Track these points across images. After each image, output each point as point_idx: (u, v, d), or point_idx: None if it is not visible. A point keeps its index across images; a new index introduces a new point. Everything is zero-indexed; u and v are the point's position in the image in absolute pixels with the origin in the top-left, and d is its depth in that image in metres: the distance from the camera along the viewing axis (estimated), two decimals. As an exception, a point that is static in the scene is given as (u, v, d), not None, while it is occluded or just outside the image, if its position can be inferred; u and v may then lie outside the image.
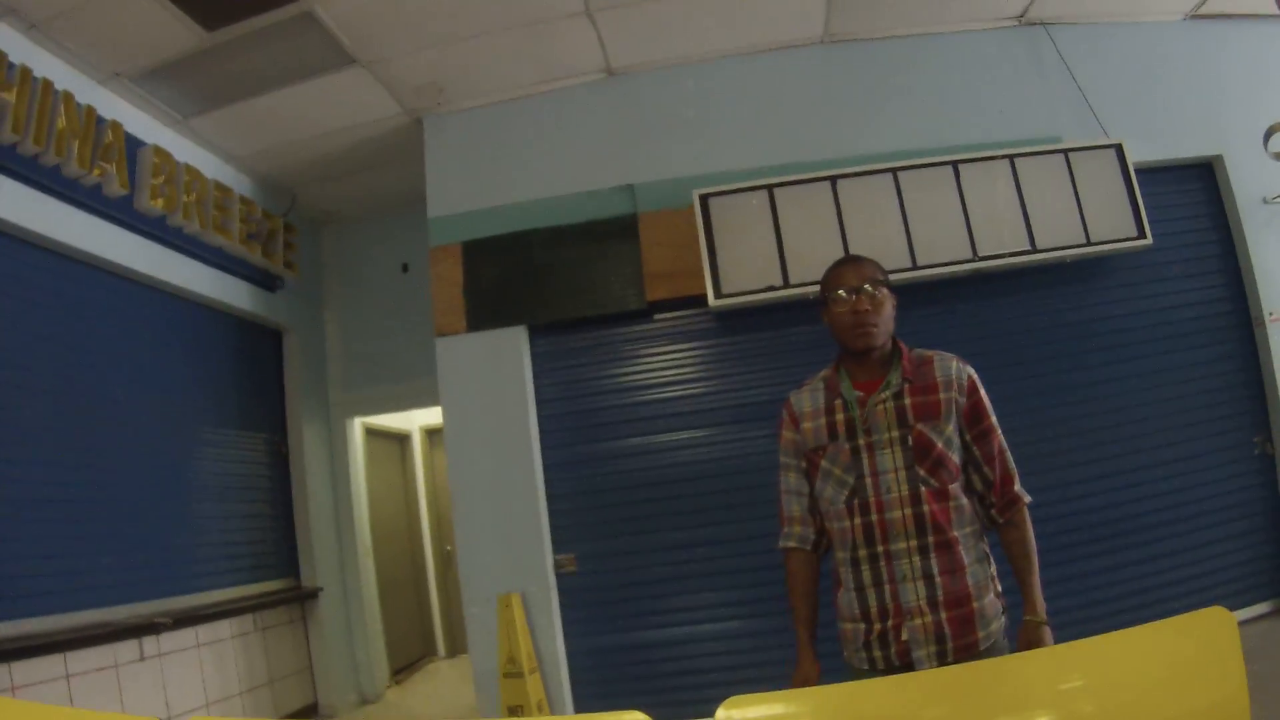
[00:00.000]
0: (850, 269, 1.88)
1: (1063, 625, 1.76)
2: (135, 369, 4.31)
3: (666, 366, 4.42)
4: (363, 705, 5.55)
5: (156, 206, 4.27)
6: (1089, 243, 4.22)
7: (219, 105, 4.50)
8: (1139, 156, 4.34)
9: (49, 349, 3.79)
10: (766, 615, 3.98)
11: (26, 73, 3.52)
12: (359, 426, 6.10)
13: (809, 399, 1.90)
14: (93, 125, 3.87)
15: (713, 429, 4.30)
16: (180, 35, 3.86)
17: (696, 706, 1.44)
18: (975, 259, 4.19)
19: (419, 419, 7.35)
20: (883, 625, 1.76)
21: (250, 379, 5.34)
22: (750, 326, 4.36)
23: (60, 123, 3.69)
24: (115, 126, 4.03)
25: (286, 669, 5.07)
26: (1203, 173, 4.62)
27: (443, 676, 6.48)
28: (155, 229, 4.36)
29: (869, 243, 3.98)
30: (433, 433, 7.45)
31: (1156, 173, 4.50)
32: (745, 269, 4.21)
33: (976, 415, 1.82)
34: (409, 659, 6.58)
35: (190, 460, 4.66)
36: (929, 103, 4.54)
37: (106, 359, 4.12)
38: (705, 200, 4.27)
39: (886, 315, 1.84)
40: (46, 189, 3.69)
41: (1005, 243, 4.21)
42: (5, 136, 3.45)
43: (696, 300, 4.28)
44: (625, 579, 4.24)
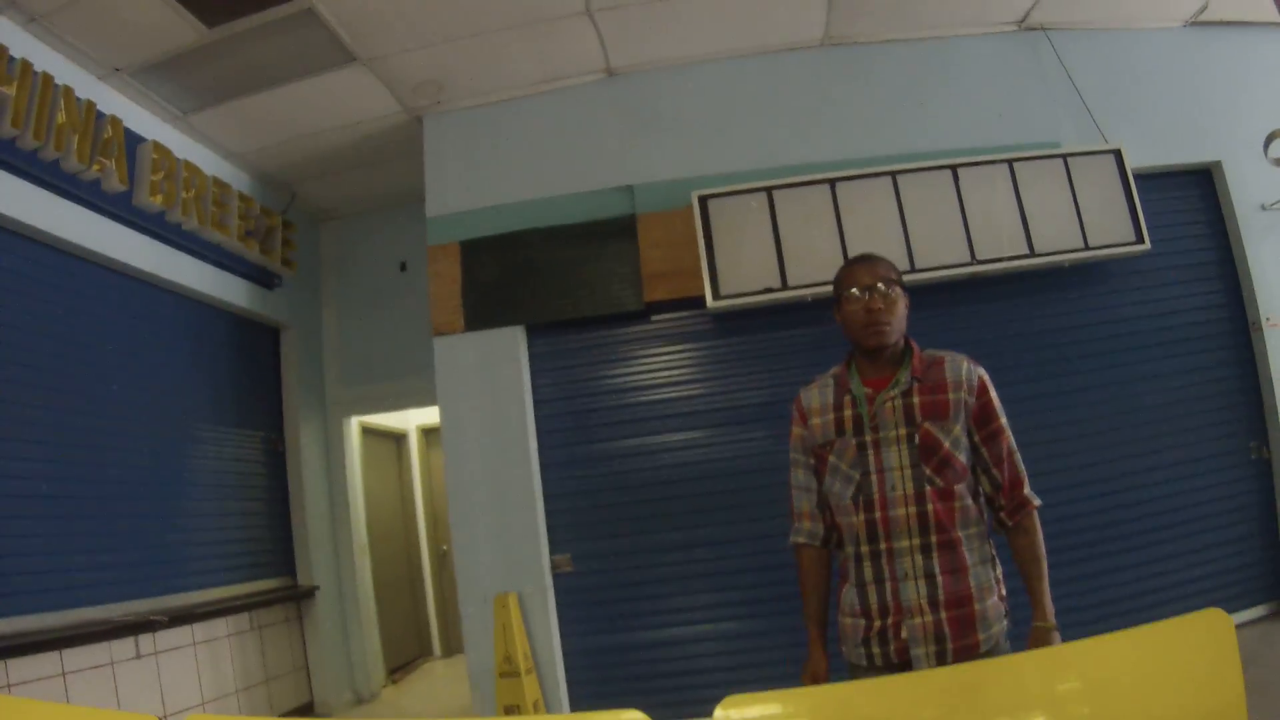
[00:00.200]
0: (864, 267, 1.89)
1: (1061, 627, 1.76)
2: (132, 365, 4.30)
3: (664, 367, 4.42)
4: (358, 704, 5.54)
5: (155, 202, 4.26)
6: (1087, 247, 4.22)
7: (219, 101, 4.50)
8: (1138, 162, 4.35)
9: (45, 344, 3.77)
10: (763, 615, 3.98)
11: (27, 67, 3.52)
12: (356, 425, 6.09)
13: (818, 395, 1.91)
14: (92, 120, 3.86)
15: (709, 430, 4.29)
16: (181, 31, 3.86)
17: (693, 706, 1.44)
18: (973, 262, 4.19)
19: (415, 418, 7.34)
20: (882, 622, 1.76)
21: (247, 376, 5.33)
22: (748, 328, 4.36)
23: (60, 117, 3.68)
24: (115, 122, 4.02)
25: (282, 667, 5.06)
26: (1201, 179, 4.64)
27: (438, 676, 6.47)
28: (154, 225, 4.35)
29: (868, 245, 3.91)
30: (429, 432, 7.44)
31: (1155, 178, 4.51)
32: (743, 271, 4.21)
33: (986, 417, 1.81)
34: (405, 658, 6.57)
35: (187, 458, 4.65)
36: (929, 106, 4.54)
37: (103, 355, 4.11)
38: (704, 201, 4.28)
39: (899, 314, 1.85)
40: (45, 184, 3.68)
41: (1003, 247, 4.21)
42: (5, 130, 3.44)
43: (694, 301, 4.29)
44: (621, 579, 4.24)
